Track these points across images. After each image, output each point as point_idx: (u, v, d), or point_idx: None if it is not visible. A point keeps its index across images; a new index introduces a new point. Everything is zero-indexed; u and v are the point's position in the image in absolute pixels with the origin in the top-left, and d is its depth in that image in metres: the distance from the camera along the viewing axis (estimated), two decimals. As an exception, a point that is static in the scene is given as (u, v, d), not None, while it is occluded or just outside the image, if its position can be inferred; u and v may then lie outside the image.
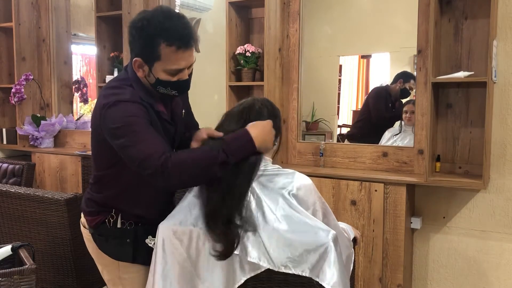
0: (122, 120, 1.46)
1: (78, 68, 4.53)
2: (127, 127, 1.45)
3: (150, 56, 1.48)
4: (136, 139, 1.44)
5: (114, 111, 1.47)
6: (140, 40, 1.48)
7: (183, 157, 1.43)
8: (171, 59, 1.47)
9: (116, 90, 1.54)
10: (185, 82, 1.55)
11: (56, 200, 2.35)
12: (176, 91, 1.56)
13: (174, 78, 1.51)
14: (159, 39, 1.44)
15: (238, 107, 1.63)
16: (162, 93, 1.56)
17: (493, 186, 2.50)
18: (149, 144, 1.43)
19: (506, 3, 2.41)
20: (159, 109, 1.59)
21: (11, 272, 1.84)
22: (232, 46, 3.06)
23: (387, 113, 3.20)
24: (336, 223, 1.64)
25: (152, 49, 1.46)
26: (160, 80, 1.51)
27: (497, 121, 2.46)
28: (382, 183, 2.47)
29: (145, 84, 1.57)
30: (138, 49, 1.50)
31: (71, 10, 4.25)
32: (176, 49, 1.45)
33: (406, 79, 3.04)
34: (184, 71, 1.52)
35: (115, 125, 1.46)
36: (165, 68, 1.49)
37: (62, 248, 2.41)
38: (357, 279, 2.54)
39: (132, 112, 1.47)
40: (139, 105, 1.50)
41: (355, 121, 3.39)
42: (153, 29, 1.45)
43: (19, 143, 4.03)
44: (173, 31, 1.45)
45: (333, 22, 3.33)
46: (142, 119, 1.47)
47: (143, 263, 1.68)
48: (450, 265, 2.64)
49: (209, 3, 3.95)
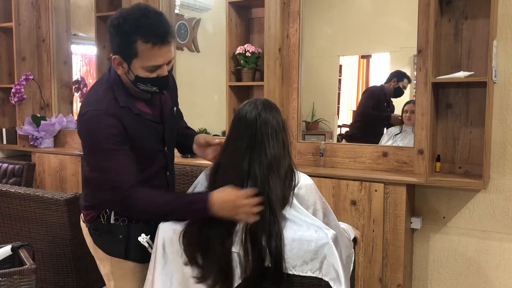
0: (93, 137, 1.50)
1: (78, 68, 4.53)
2: (97, 148, 1.50)
3: (128, 53, 1.49)
4: (104, 165, 1.50)
5: (88, 126, 1.52)
6: (117, 37, 1.49)
7: (144, 199, 1.51)
8: (148, 56, 1.48)
9: (95, 97, 1.57)
10: (165, 78, 1.56)
11: (56, 200, 2.35)
12: (156, 87, 1.56)
13: (153, 74, 1.52)
14: (135, 36, 1.45)
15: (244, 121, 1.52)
16: (143, 90, 1.57)
17: (493, 186, 2.50)
18: (116, 174, 1.49)
19: (506, 3, 2.41)
20: (140, 109, 1.60)
21: (11, 272, 1.84)
22: (232, 46, 3.06)
23: (380, 111, 3.20)
24: (336, 223, 1.64)
25: (129, 46, 1.47)
26: (139, 77, 1.52)
27: (497, 121, 2.46)
28: (382, 183, 2.47)
29: (126, 82, 1.58)
30: (116, 46, 1.51)
31: (71, 10, 4.25)
32: (152, 45, 1.46)
33: (399, 78, 3.06)
34: (163, 67, 1.53)
35: (86, 141, 1.53)
36: (143, 65, 1.50)
37: (62, 248, 2.41)
38: (357, 279, 2.54)
39: (105, 131, 1.49)
40: (115, 119, 1.51)
41: (352, 121, 3.39)
42: (128, 26, 1.46)
43: (19, 143, 4.03)
44: (148, 28, 1.45)
45: (333, 22, 3.33)
46: (114, 139, 1.49)
47: (135, 260, 1.69)
48: (450, 265, 2.64)
49: (209, 3, 3.96)
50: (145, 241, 1.60)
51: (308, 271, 1.40)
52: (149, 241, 1.61)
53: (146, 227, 1.66)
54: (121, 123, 1.52)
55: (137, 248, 1.65)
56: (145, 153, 1.64)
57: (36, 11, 4.09)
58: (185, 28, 3.89)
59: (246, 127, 1.50)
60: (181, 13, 3.87)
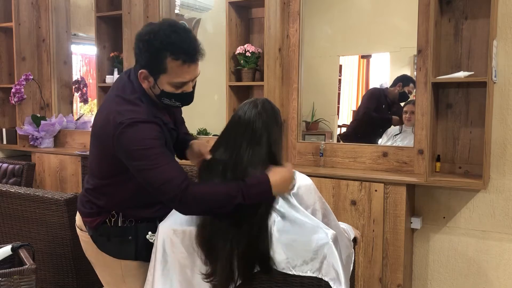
0: (140, 143, 1.47)
1: (78, 68, 4.53)
2: (145, 150, 1.46)
3: (156, 68, 1.50)
4: (155, 162, 1.46)
5: (132, 132, 1.47)
6: (147, 53, 1.49)
7: (203, 190, 1.48)
8: (176, 73, 1.49)
9: (131, 107, 1.53)
10: (189, 95, 1.58)
11: (56, 200, 2.35)
12: (179, 102, 1.59)
13: (179, 90, 1.54)
14: (165, 53, 1.46)
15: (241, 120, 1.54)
16: (166, 104, 1.59)
17: (493, 186, 2.50)
18: (169, 169, 1.47)
19: (506, 3, 2.41)
20: (165, 118, 1.62)
21: (11, 272, 1.84)
22: (232, 46, 3.06)
23: (378, 113, 3.20)
24: (336, 223, 1.64)
25: (158, 62, 1.48)
26: (165, 92, 1.54)
27: (497, 121, 2.46)
28: (382, 183, 2.47)
29: (150, 95, 1.59)
30: (144, 61, 1.51)
31: (71, 10, 4.25)
32: (182, 63, 1.48)
33: (405, 82, 3.05)
34: (189, 84, 1.55)
35: (133, 147, 1.47)
36: (170, 81, 1.51)
37: (62, 248, 2.41)
38: (357, 279, 2.54)
39: (149, 135, 1.48)
40: (155, 125, 1.52)
41: (352, 120, 3.39)
42: (159, 43, 1.46)
43: (19, 143, 4.03)
44: (179, 45, 1.46)
45: (333, 22, 3.33)
46: (158, 141, 1.49)
47: (144, 259, 1.69)
48: (450, 265, 2.64)
49: (209, 3, 3.95)
50: (153, 238, 1.61)
51: (308, 271, 1.40)
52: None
53: (151, 225, 1.67)
54: (161, 129, 1.54)
55: (145, 247, 1.67)
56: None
57: (36, 11, 4.09)
58: (185, 28, 3.87)
59: (245, 126, 1.51)
60: (181, 13, 3.87)
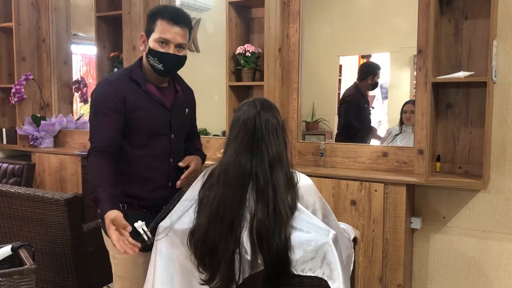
0: (94, 98, 1.80)
1: (78, 68, 4.53)
2: (93, 106, 1.80)
3: (149, 29, 1.79)
4: (92, 121, 1.79)
5: (97, 87, 1.85)
6: (147, 19, 1.82)
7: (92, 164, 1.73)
8: (160, 29, 1.76)
9: (114, 73, 1.95)
10: (170, 56, 1.76)
11: (56, 200, 2.35)
12: (161, 64, 1.77)
13: (162, 49, 1.76)
14: (157, 16, 1.77)
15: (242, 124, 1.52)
16: (152, 65, 1.78)
17: (493, 186, 2.50)
18: (94, 131, 1.77)
19: (506, 3, 2.41)
20: (150, 89, 1.82)
21: (11, 272, 1.83)
22: (232, 46, 3.06)
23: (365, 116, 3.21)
24: (336, 223, 1.64)
25: (151, 24, 1.78)
26: (151, 49, 1.77)
27: (497, 121, 2.46)
28: (382, 183, 2.47)
29: (144, 65, 1.84)
30: (145, 26, 1.83)
31: (71, 10, 4.25)
32: (167, 22, 1.75)
33: (374, 73, 3.07)
34: (170, 45, 1.76)
35: (91, 100, 1.82)
36: (155, 37, 1.76)
37: (62, 248, 2.40)
38: (357, 279, 2.54)
39: (104, 95, 1.77)
40: (116, 88, 1.76)
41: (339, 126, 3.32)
42: (155, 9, 1.82)
43: (19, 143, 4.03)
44: (168, 10, 1.79)
45: (333, 22, 3.33)
46: (107, 105, 1.74)
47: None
48: (450, 265, 2.64)
49: (209, 3, 3.95)
50: (140, 226, 1.61)
51: (308, 271, 1.40)
52: (145, 228, 1.62)
53: (143, 214, 1.74)
54: (122, 92, 1.76)
55: (134, 234, 1.69)
56: (147, 129, 1.81)
57: (36, 11, 4.09)
58: (185, 28, 3.87)
59: (245, 127, 1.50)
60: (183, 12, 3.86)
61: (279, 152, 1.50)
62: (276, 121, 1.53)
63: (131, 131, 1.79)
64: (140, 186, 1.82)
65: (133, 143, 1.81)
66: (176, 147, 1.91)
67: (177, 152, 1.92)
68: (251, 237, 1.41)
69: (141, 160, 1.82)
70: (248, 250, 1.41)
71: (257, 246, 1.40)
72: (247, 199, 1.45)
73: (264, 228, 1.40)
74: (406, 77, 3.12)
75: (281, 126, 1.54)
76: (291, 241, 1.41)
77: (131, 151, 1.80)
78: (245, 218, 1.44)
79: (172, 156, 1.89)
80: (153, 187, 1.84)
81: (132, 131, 1.79)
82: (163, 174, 1.87)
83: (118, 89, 1.77)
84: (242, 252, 1.42)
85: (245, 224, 1.44)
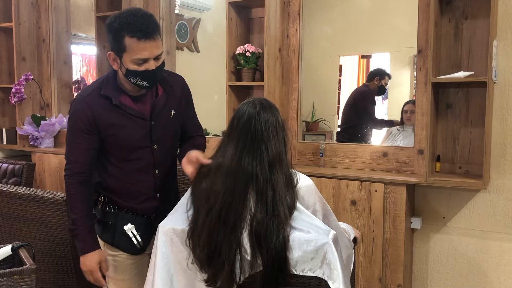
0: (69, 118, 1.78)
1: (78, 68, 4.53)
2: (68, 127, 1.76)
3: (118, 48, 1.64)
4: (68, 137, 1.76)
5: (71, 105, 1.80)
6: (109, 34, 1.65)
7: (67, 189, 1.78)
8: (134, 49, 1.61)
9: (88, 86, 1.83)
10: (152, 73, 1.66)
11: (56, 200, 2.35)
12: (146, 81, 1.67)
13: (141, 68, 1.63)
14: (123, 32, 1.61)
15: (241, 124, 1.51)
16: (135, 84, 1.68)
17: (493, 186, 2.50)
18: (71, 152, 1.77)
19: (506, 3, 2.41)
20: (122, 102, 1.73)
21: (11, 272, 1.83)
22: (232, 46, 3.06)
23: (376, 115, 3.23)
24: (337, 223, 1.64)
25: (118, 42, 1.63)
26: (129, 70, 1.64)
27: (497, 121, 2.46)
28: (382, 183, 2.47)
29: (121, 77, 1.72)
30: (110, 43, 1.67)
31: (71, 10, 4.25)
32: (138, 40, 1.59)
33: (382, 76, 3.07)
34: (150, 62, 1.64)
35: (68, 115, 1.81)
36: (131, 58, 1.63)
37: (62, 248, 2.40)
38: (357, 279, 2.54)
39: (75, 115, 1.73)
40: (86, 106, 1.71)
41: (343, 126, 3.33)
42: (118, 24, 1.62)
43: (19, 143, 4.03)
44: (134, 25, 1.60)
45: (333, 22, 3.33)
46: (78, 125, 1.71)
47: (124, 249, 1.77)
48: (450, 265, 2.64)
49: (209, 3, 3.96)
50: (129, 229, 1.61)
51: (308, 271, 1.40)
52: (134, 231, 1.62)
53: (134, 218, 1.75)
54: (92, 111, 1.70)
55: (122, 237, 1.70)
56: (124, 144, 1.74)
57: (36, 11, 4.09)
58: (185, 28, 3.88)
59: (245, 127, 1.49)
60: (181, 13, 3.87)
61: (279, 152, 1.49)
62: (276, 121, 1.52)
63: (109, 147, 1.75)
64: (127, 199, 1.79)
65: (113, 158, 1.77)
66: (160, 157, 1.81)
67: (162, 162, 1.83)
68: (250, 238, 1.41)
69: (124, 175, 1.77)
70: (248, 250, 1.42)
71: (256, 247, 1.40)
72: (248, 199, 1.45)
73: (262, 229, 1.40)
74: (406, 77, 3.13)
75: (281, 126, 1.53)
76: (290, 241, 1.41)
77: (111, 166, 1.77)
78: (245, 218, 1.44)
79: (156, 167, 1.81)
80: (142, 199, 1.80)
81: (110, 147, 1.75)
82: (149, 187, 1.81)
83: (88, 108, 1.70)
84: (243, 252, 1.42)
85: (245, 225, 1.44)
